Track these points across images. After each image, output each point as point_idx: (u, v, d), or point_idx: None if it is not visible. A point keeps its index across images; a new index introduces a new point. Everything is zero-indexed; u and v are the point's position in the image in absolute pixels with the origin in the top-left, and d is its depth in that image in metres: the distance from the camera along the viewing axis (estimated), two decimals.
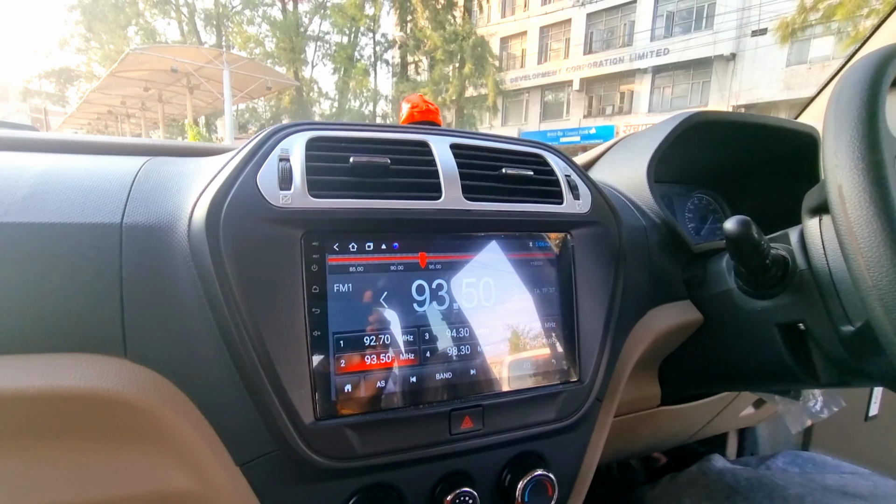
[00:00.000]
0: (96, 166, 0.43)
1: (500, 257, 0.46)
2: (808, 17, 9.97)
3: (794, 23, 10.03)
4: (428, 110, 0.52)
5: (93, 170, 0.42)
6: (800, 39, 12.49)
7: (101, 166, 0.43)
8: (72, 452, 0.38)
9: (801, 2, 9.70)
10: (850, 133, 0.38)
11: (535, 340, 0.47)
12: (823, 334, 0.48)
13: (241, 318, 0.36)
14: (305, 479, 0.41)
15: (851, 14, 8.34)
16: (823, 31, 11.23)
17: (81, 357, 0.36)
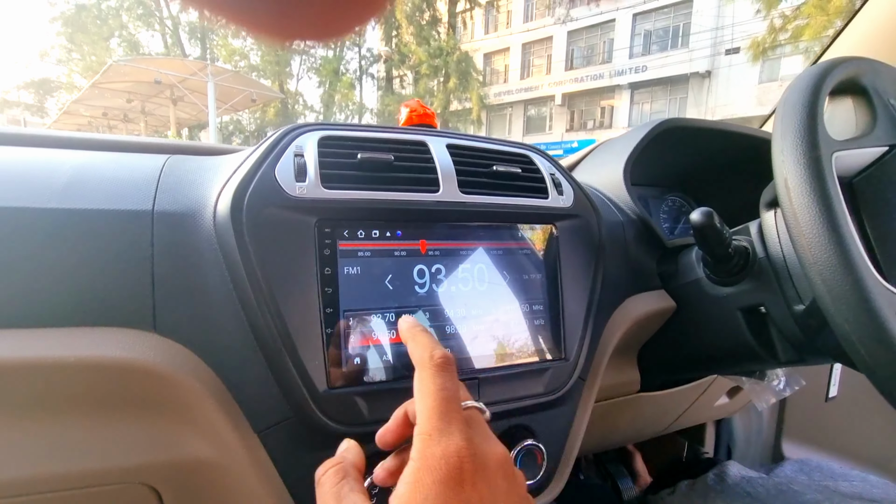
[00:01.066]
0: (125, 161, 0.47)
1: (492, 245, 0.51)
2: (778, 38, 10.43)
3: (765, 42, 10.48)
4: (425, 114, 0.57)
5: (122, 164, 0.46)
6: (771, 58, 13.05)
7: (128, 161, 0.47)
8: (102, 422, 0.41)
9: (771, 22, 10.16)
10: (794, 134, 0.44)
11: (525, 321, 0.52)
12: (781, 315, 0.54)
13: (263, 294, 0.40)
14: (317, 446, 0.44)
15: (817, 34, 8.77)
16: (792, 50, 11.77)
17: (115, 331, 0.40)
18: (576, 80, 18.45)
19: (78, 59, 19.04)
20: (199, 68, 10.69)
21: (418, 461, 0.25)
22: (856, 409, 0.99)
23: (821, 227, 0.40)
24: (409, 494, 0.24)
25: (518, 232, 0.53)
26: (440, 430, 0.26)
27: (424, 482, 0.24)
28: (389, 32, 17.73)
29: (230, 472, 0.44)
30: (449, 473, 0.24)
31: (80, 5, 17.80)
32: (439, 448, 0.25)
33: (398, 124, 0.59)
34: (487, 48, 20.78)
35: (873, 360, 0.38)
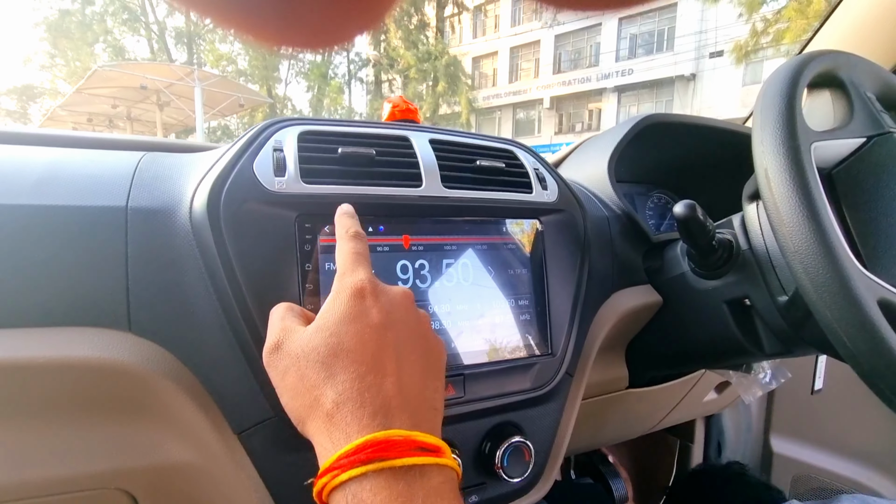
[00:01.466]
0: (99, 158, 0.45)
1: (477, 240, 0.51)
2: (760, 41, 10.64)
3: (748, 45, 10.67)
4: (408, 109, 0.57)
5: (96, 161, 0.45)
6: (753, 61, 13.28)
7: (103, 158, 0.46)
8: (75, 425, 0.40)
9: (753, 26, 10.35)
10: (773, 124, 0.44)
11: (511, 316, 0.51)
12: (765, 307, 0.54)
13: (241, 291, 0.39)
14: (299, 445, 0.43)
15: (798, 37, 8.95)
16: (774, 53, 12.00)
17: (88, 330, 0.38)
18: (564, 83, 18.62)
19: (62, 64, 18.78)
20: (186, 73, 10.59)
21: (335, 288, 0.34)
22: (841, 402, 1.00)
23: (801, 215, 0.40)
24: (328, 306, 0.33)
25: (503, 227, 0.53)
26: (351, 270, 0.35)
27: (338, 298, 0.33)
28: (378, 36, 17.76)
29: (210, 475, 0.43)
30: (356, 290, 0.33)
31: (63, 10, 17.56)
32: (349, 279, 0.34)
33: (381, 120, 0.59)
34: (476, 52, 20.89)
35: (856, 347, 0.38)
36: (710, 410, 1.09)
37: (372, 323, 0.32)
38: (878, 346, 0.37)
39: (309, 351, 0.31)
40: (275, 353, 0.33)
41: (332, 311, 0.32)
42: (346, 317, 0.32)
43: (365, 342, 0.31)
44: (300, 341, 0.32)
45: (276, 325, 0.34)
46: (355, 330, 0.31)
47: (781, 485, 1.13)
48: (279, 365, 0.32)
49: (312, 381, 0.30)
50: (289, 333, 0.33)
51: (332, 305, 0.33)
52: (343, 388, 0.29)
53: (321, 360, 0.30)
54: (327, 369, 0.30)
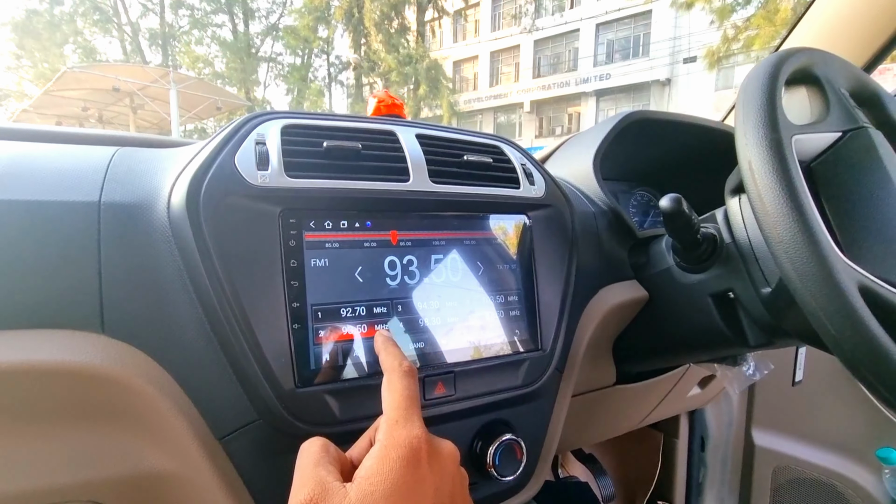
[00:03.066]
0: (68, 152, 0.43)
1: (465, 236, 0.50)
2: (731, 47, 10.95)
3: (720, 51, 10.97)
4: (394, 104, 0.56)
5: (65, 154, 0.42)
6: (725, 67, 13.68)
7: (73, 152, 0.43)
8: (44, 434, 0.38)
9: (724, 33, 10.66)
10: (755, 117, 0.45)
11: (500, 312, 0.51)
12: (749, 299, 0.55)
13: (223, 290, 0.38)
14: (286, 450, 0.42)
15: (766, 44, 9.26)
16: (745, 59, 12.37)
17: (57, 333, 0.36)
18: (543, 87, 18.86)
19: (29, 66, 18.09)
20: (161, 75, 10.34)
21: (385, 441, 0.30)
22: (820, 394, 1.03)
23: (785, 205, 0.41)
24: (376, 467, 0.28)
25: (491, 222, 0.52)
26: (405, 419, 0.31)
27: (389, 458, 0.28)
28: (358, 40, 17.68)
29: (189, 484, 0.41)
30: (410, 453, 0.29)
31: (30, 10, 16.93)
32: (403, 432, 0.30)
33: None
34: (457, 56, 21.00)
35: (839, 333, 0.39)
36: (694, 405, 1.10)
37: (427, 499, 0.28)
38: (860, 330, 0.38)
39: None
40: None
41: (381, 476, 0.28)
42: (395, 489, 0.27)
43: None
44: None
45: (308, 474, 0.29)
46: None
47: (762, 477, 1.15)
48: None
49: None
50: (326, 493, 0.27)
51: (381, 468, 0.28)
52: None
53: None
54: None
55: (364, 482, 0.28)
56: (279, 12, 19.94)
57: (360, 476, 0.28)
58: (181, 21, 19.43)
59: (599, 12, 17.19)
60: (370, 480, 0.28)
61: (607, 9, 16.99)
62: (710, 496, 1.22)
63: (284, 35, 19.61)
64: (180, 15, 19.28)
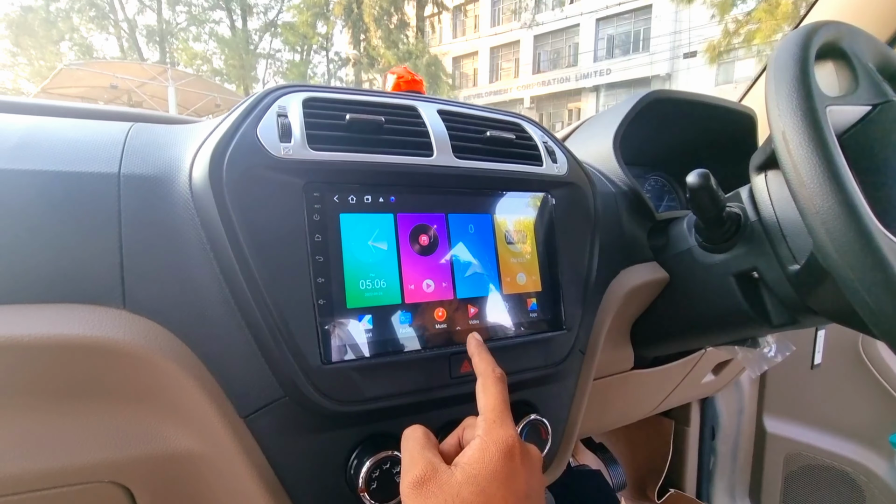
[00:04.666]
0: (84, 125, 0.42)
1: (490, 212, 0.49)
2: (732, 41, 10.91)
3: (720, 46, 10.93)
4: (413, 80, 0.55)
5: (81, 127, 0.41)
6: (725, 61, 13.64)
7: (89, 125, 0.42)
8: (65, 412, 0.37)
9: (725, 27, 10.62)
10: (788, 87, 0.44)
11: (524, 291, 0.50)
12: (774, 278, 0.54)
13: (247, 264, 0.37)
14: (311, 428, 0.41)
15: (768, 38, 9.23)
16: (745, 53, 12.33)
17: (78, 307, 0.35)
18: (543, 83, 18.81)
19: (25, 63, 17.99)
20: (159, 72, 10.31)
21: (484, 437, 0.34)
22: (834, 379, 1.02)
23: (822, 175, 0.40)
24: (478, 456, 0.32)
25: (514, 200, 0.51)
26: (501, 420, 0.35)
27: (489, 450, 0.33)
28: (357, 36, 17.61)
29: (213, 464, 0.40)
30: (507, 449, 0.33)
31: (26, 7, 16.82)
32: (502, 430, 0.34)
33: None
34: (456, 52, 20.93)
35: (878, 306, 0.38)
36: (707, 392, 1.10)
37: (518, 492, 0.32)
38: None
39: (458, 503, 0.30)
40: (419, 489, 0.31)
41: (482, 464, 0.32)
42: (495, 476, 0.31)
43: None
44: (449, 487, 0.31)
45: (418, 456, 0.33)
46: (503, 495, 0.31)
47: (774, 464, 1.15)
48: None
49: None
50: (436, 472, 0.32)
51: (482, 457, 0.32)
52: None
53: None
54: None
55: (468, 467, 0.32)
56: (277, 8, 19.85)
57: (462, 462, 0.32)
58: (178, 18, 19.35)
59: (600, 7, 17.12)
60: (473, 466, 0.32)
61: (607, 3, 16.93)
62: (720, 484, 1.22)
63: (283, 31, 19.53)
64: (177, 11, 19.20)
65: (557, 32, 18.46)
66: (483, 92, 20.15)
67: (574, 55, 18.04)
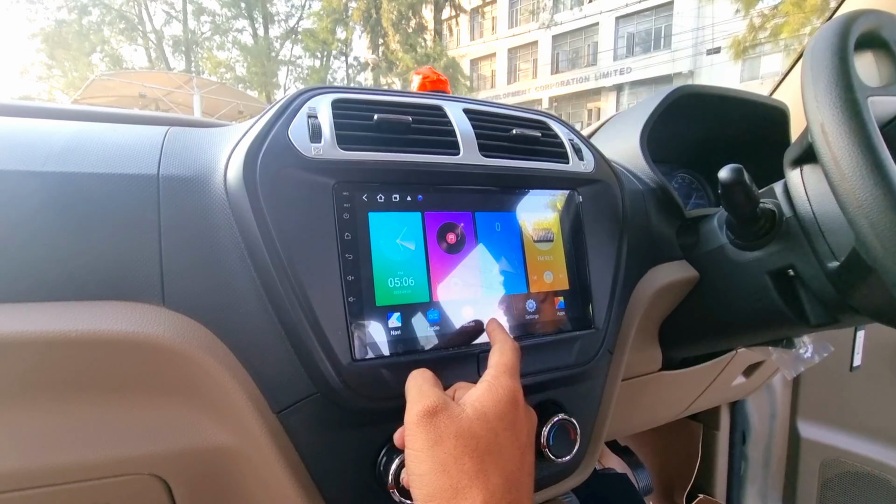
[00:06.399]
0: (124, 130, 0.44)
1: (516, 210, 0.49)
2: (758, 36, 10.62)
3: (745, 41, 10.65)
4: (438, 80, 0.55)
5: (121, 132, 0.43)
6: (751, 57, 13.28)
7: (128, 130, 0.44)
8: (105, 406, 0.38)
9: (751, 21, 10.35)
10: (827, 77, 0.42)
11: (552, 289, 0.49)
12: (811, 275, 0.52)
13: (280, 262, 0.38)
14: (341, 425, 0.42)
15: (796, 31, 8.95)
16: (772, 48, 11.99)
17: (120, 304, 0.37)
18: (562, 83, 18.66)
19: (59, 75, 18.76)
20: (185, 81, 10.61)
21: (492, 381, 0.35)
22: (874, 381, 0.98)
23: (865, 167, 0.38)
24: (486, 395, 0.33)
25: (541, 197, 0.51)
26: (511, 373, 0.36)
27: (497, 392, 0.34)
28: (376, 41, 17.80)
29: (248, 459, 0.41)
30: (513, 395, 0.34)
31: (60, 21, 17.57)
32: (510, 380, 0.35)
33: None
34: (474, 54, 20.95)
35: None
36: (737, 395, 1.06)
37: (520, 439, 0.34)
38: None
39: (469, 435, 0.31)
40: (430, 419, 0.31)
41: (493, 403, 0.33)
42: (503, 417, 0.33)
43: (513, 455, 0.32)
44: (460, 420, 0.31)
45: (427, 390, 0.34)
46: (509, 436, 0.33)
47: (809, 471, 1.11)
48: (432, 433, 0.31)
49: (466, 468, 0.30)
50: (447, 405, 0.32)
51: (492, 397, 0.33)
52: (492, 491, 0.30)
53: (479, 451, 0.31)
54: (481, 463, 0.30)
55: (477, 403, 0.33)
56: (298, 15, 20.24)
57: (471, 400, 0.33)
58: (203, 27, 19.90)
59: (619, 5, 16.90)
60: (482, 402, 0.33)
61: (627, 1, 16.70)
62: (752, 491, 1.18)
63: (303, 38, 19.89)
64: (202, 21, 19.75)
65: (576, 32, 18.30)
66: (501, 94, 20.11)
67: (593, 54, 17.85)
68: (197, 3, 19.12)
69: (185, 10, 18.83)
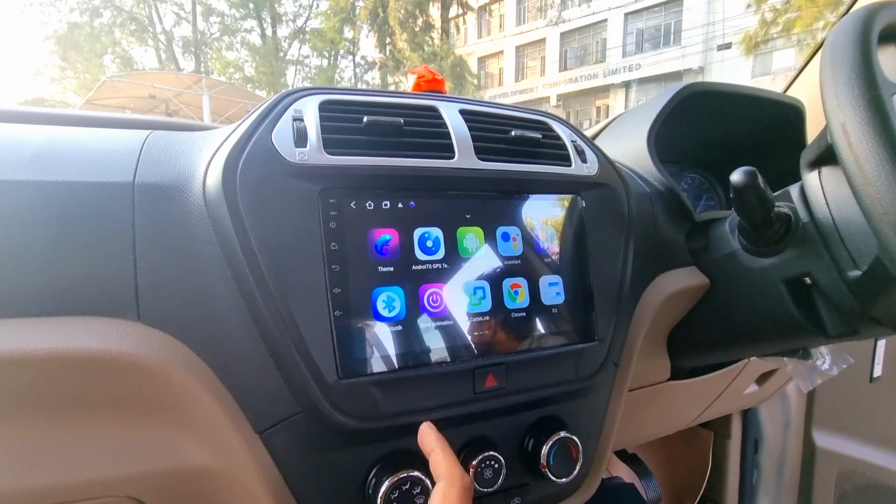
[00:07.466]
0: (102, 134, 0.42)
1: (515, 217, 0.46)
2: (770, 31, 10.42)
3: (757, 36, 10.46)
4: (434, 80, 0.53)
5: (99, 137, 0.41)
6: (763, 52, 13.05)
7: (107, 135, 0.42)
8: (83, 426, 0.36)
9: (762, 16, 10.16)
10: (848, 74, 0.39)
11: (552, 300, 0.47)
12: (830, 284, 0.49)
13: (262, 275, 0.35)
14: (327, 445, 0.39)
15: (809, 26, 8.77)
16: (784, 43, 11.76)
17: (93, 320, 0.35)
18: (570, 80, 18.52)
19: (72, 76, 19.03)
20: (194, 81, 10.69)
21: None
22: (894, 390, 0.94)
23: (891, 171, 0.35)
24: None
25: (541, 203, 0.48)
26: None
27: None
28: (383, 39, 17.78)
29: (228, 480, 0.39)
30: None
31: (72, 23, 17.80)
32: None
33: None
34: (481, 52, 20.86)
35: None
36: (750, 403, 1.03)
37: None
38: None
39: None
40: None
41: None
42: None
43: None
44: None
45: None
46: None
47: (825, 482, 1.07)
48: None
49: None
50: None
51: None
52: None
53: None
54: None
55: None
56: (306, 15, 20.30)
57: None
58: (212, 28, 20.04)
59: (628, 1, 16.72)
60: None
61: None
62: (765, 501, 1.14)
63: (311, 37, 19.95)
64: (211, 22, 19.90)
65: (584, 28, 18.14)
66: (509, 91, 20.01)
67: (602, 51, 17.69)
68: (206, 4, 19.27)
69: (194, 11, 18.98)
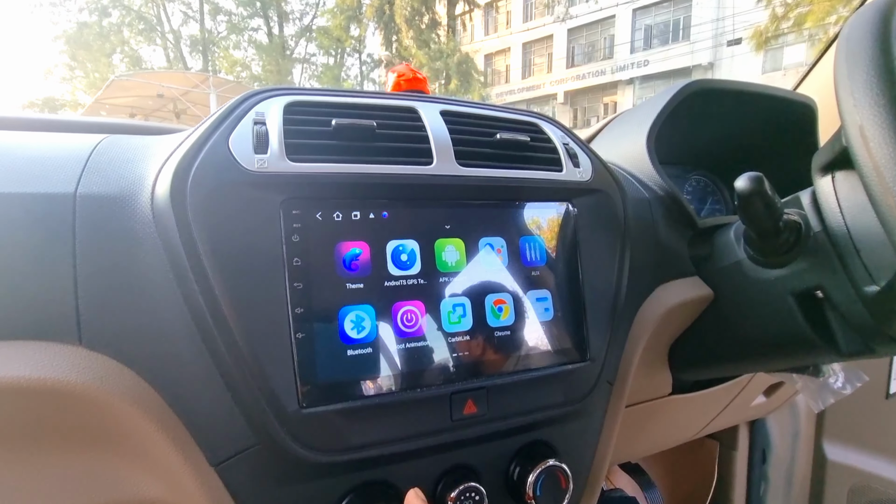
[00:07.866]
0: (52, 141, 0.39)
1: (499, 227, 0.43)
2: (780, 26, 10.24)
3: (767, 31, 10.28)
4: (415, 79, 0.49)
5: (46, 143, 0.38)
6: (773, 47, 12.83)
7: (56, 141, 0.39)
8: (23, 460, 0.33)
9: (773, 11, 9.98)
10: (866, 71, 0.35)
11: (540, 316, 0.43)
12: (844, 298, 0.45)
13: (213, 294, 0.32)
14: (290, 478, 0.36)
15: (821, 20, 8.60)
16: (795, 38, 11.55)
17: (29, 344, 0.32)
18: (577, 77, 18.36)
19: (81, 76, 19.18)
20: (201, 80, 10.73)
21: None
22: None
23: None
24: None
25: (528, 211, 0.45)
26: None
27: None
28: (389, 37, 17.72)
29: None
30: None
31: (81, 23, 17.94)
32: None
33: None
34: (488, 49, 20.74)
35: None
36: (757, 415, 0.99)
37: None
38: None
39: None
40: None
41: None
42: None
43: None
44: None
45: None
46: None
47: (836, 496, 1.02)
48: None
49: None
50: None
51: None
52: None
53: None
54: None
55: None
56: (312, 13, 20.30)
57: None
58: (219, 27, 20.10)
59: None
60: None
61: None
62: None
63: (318, 36, 19.95)
64: (218, 20, 19.96)
65: (592, 25, 17.95)
66: (515, 88, 19.89)
67: (610, 47, 17.51)
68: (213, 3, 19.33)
69: (201, 10, 19.05)
